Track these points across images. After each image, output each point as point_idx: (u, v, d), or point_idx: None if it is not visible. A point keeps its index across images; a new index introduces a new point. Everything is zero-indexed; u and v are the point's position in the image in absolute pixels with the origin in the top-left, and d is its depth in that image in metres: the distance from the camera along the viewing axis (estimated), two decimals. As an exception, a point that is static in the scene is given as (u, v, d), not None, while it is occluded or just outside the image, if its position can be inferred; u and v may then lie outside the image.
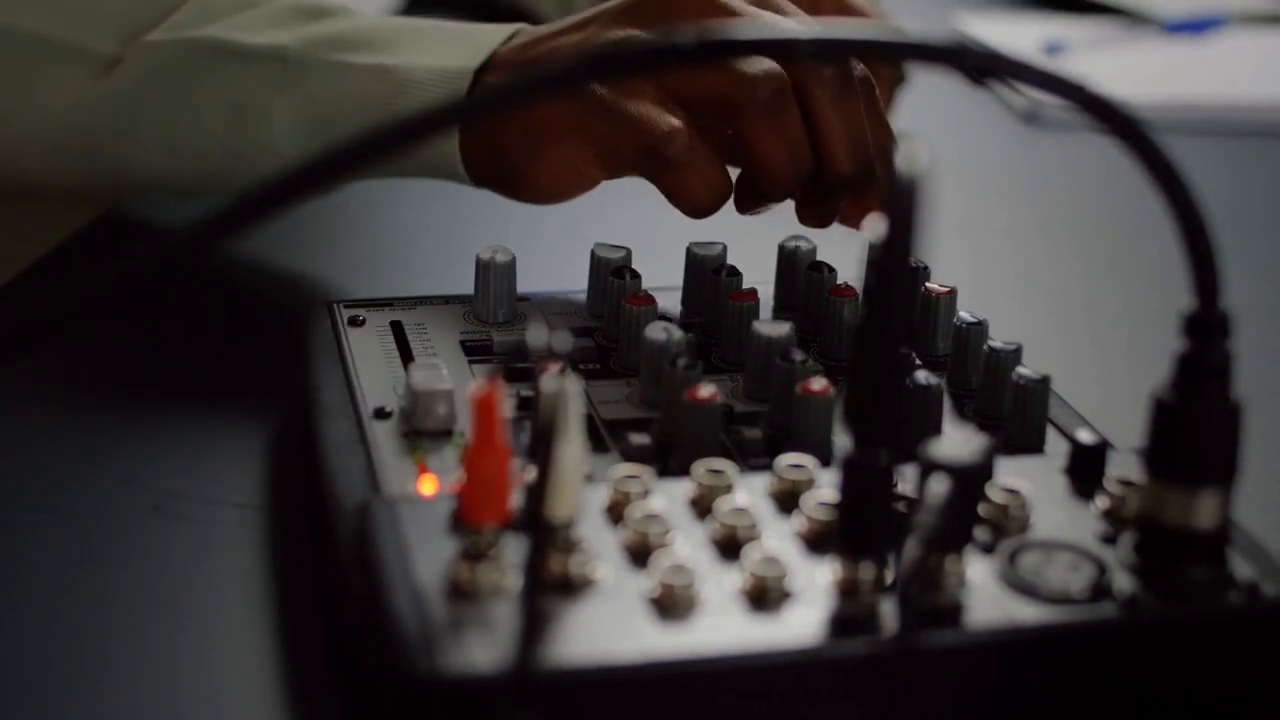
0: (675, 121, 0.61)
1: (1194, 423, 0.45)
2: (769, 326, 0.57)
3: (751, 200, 0.64)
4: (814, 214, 0.64)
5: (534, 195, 0.66)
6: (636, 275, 0.62)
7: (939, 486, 0.43)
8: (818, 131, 0.62)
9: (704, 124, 0.63)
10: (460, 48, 0.66)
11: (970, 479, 0.44)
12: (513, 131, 0.64)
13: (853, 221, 0.64)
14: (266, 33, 0.69)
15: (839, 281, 0.62)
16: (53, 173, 0.75)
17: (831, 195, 0.63)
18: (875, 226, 0.42)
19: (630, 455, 0.53)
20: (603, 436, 0.54)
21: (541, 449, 0.42)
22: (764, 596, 0.44)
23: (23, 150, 0.74)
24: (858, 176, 0.62)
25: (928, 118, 0.99)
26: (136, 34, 0.71)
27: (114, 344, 0.68)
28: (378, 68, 0.66)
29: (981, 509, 0.47)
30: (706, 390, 0.53)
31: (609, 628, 0.42)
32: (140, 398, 0.65)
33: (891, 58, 0.53)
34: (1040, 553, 0.46)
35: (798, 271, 0.64)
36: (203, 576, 0.53)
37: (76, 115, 0.71)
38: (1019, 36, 1.27)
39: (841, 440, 0.44)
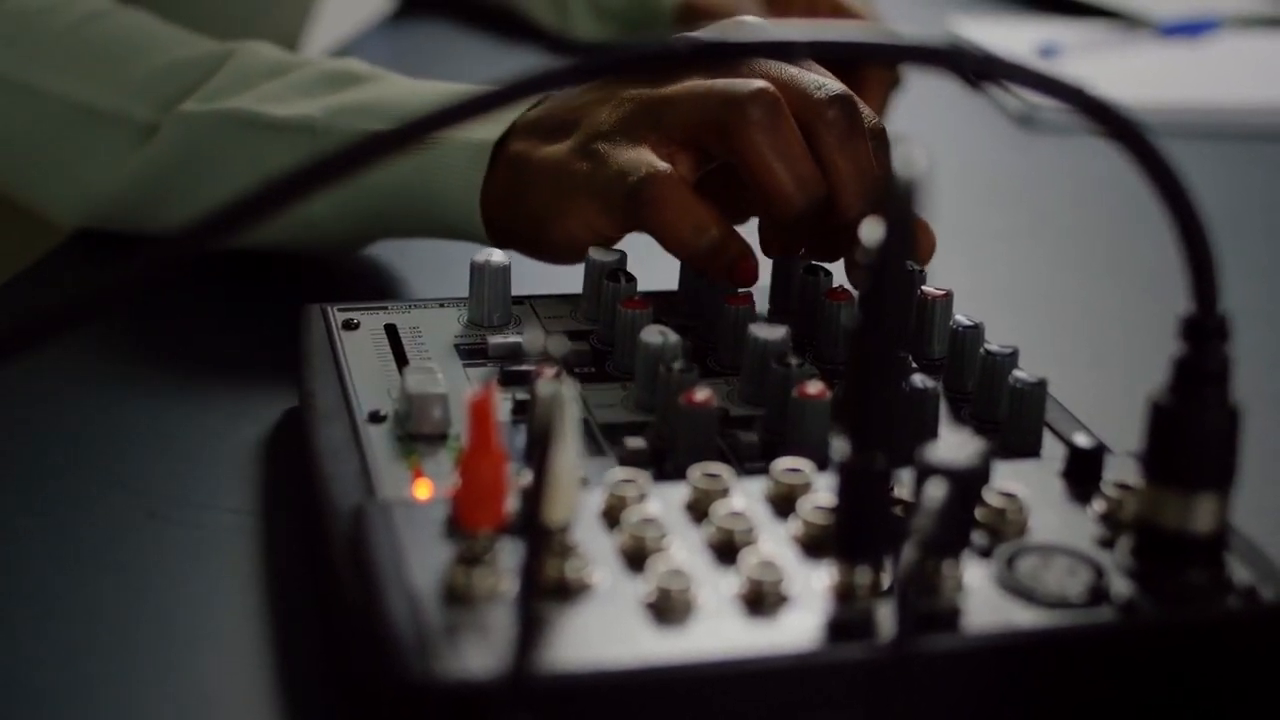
0: (658, 164, 0.61)
1: (1192, 426, 0.45)
2: (765, 330, 0.57)
3: (771, 235, 0.64)
4: (823, 250, 0.64)
5: (554, 256, 0.67)
6: (632, 279, 0.62)
7: (936, 490, 0.43)
8: (826, 173, 0.61)
9: (718, 184, 0.64)
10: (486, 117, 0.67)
11: (967, 483, 0.44)
12: (531, 197, 0.65)
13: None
14: (295, 104, 0.71)
15: (834, 285, 0.62)
16: (102, 227, 0.78)
17: (839, 234, 0.62)
18: (872, 230, 0.42)
19: (626, 459, 0.53)
20: (598, 440, 0.54)
21: (537, 453, 0.42)
22: (761, 601, 0.43)
23: (69, 213, 0.78)
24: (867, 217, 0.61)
25: (923, 121, 0.99)
26: (173, 101, 0.73)
27: (108, 348, 0.68)
28: None
29: (978, 513, 0.47)
30: (702, 394, 0.53)
31: (605, 632, 0.42)
32: (134, 402, 0.65)
33: (888, 60, 0.53)
34: (1037, 557, 0.46)
35: (793, 275, 0.64)
36: (197, 581, 0.53)
37: (118, 181, 0.74)
38: (1013, 39, 1.26)
39: (838, 444, 0.44)
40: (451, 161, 0.67)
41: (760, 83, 0.60)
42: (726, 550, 0.46)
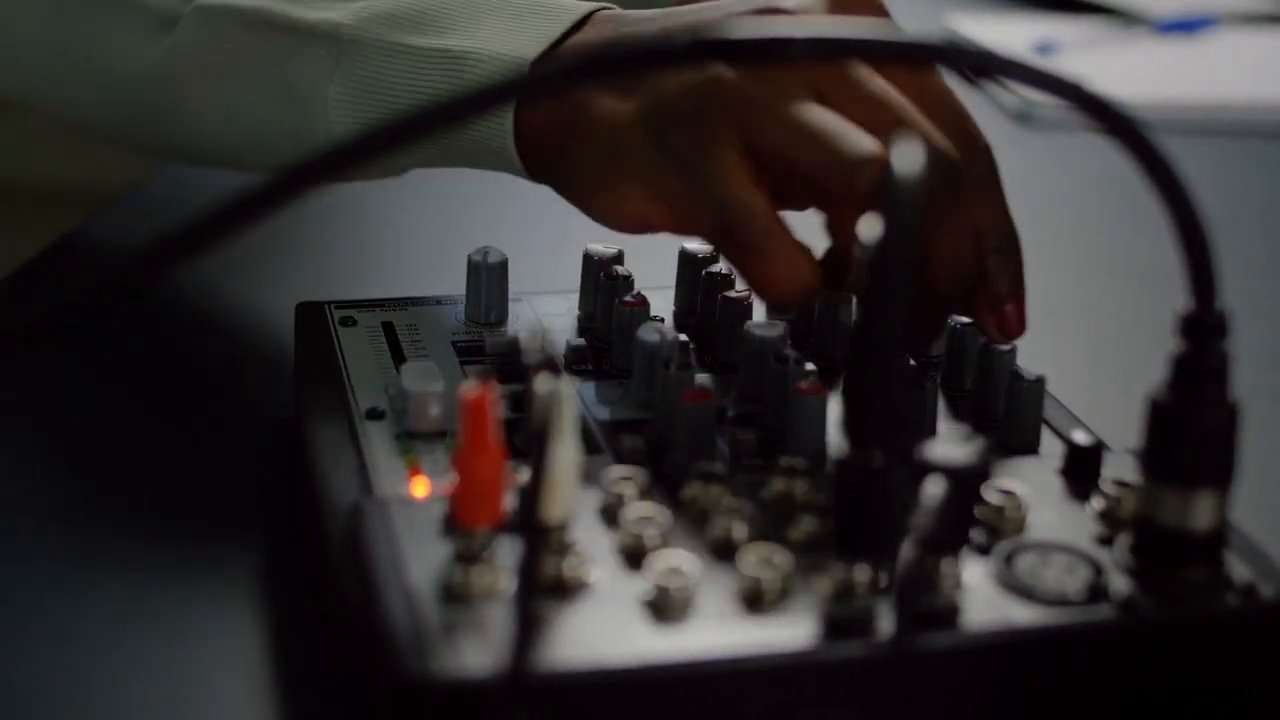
0: (756, 200, 0.54)
1: (1191, 424, 0.45)
2: (763, 328, 0.57)
3: (838, 284, 0.57)
4: (922, 334, 0.58)
5: (596, 218, 0.60)
6: (629, 276, 0.62)
7: (935, 488, 0.43)
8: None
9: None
10: (527, 30, 0.61)
11: (967, 481, 0.44)
12: (579, 153, 0.58)
13: (991, 329, 0.57)
14: (321, 5, 0.64)
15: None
16: (120, 131, 0.73)
17: (932, 310, 0.58)
18: (871, 227, 0.42)
19: (623, 457, 0.52)
20: (596, 438, 0.54)
21: (535, 450, 0.42)
22: (759, 599, 0.43)
23: (93, 104, 0.73)
24: (954, 293, 0.57)
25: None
26: None
27: (104, 346, 0.68)
28: (435, 51, 0.62)
29: (977, 510, 0.47)
30: (700, 391, 0.53)
31: (603, 630, 0.42)
32: (131, 400, 0.64)
33: (886, 57, 0.52)
34: (1036, 554, 0.46)
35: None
36: (196, 580, 0.53)
37: (138, 74, 0.69)
38: (1010, 36, 1.26)
39: (837, 441, 0.44)
40: (479, 74, 0.60)
41: (869, 147, 0.52)
42: (725, 548, 0.46)
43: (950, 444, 0.44)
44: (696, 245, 0.64)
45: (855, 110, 0.55)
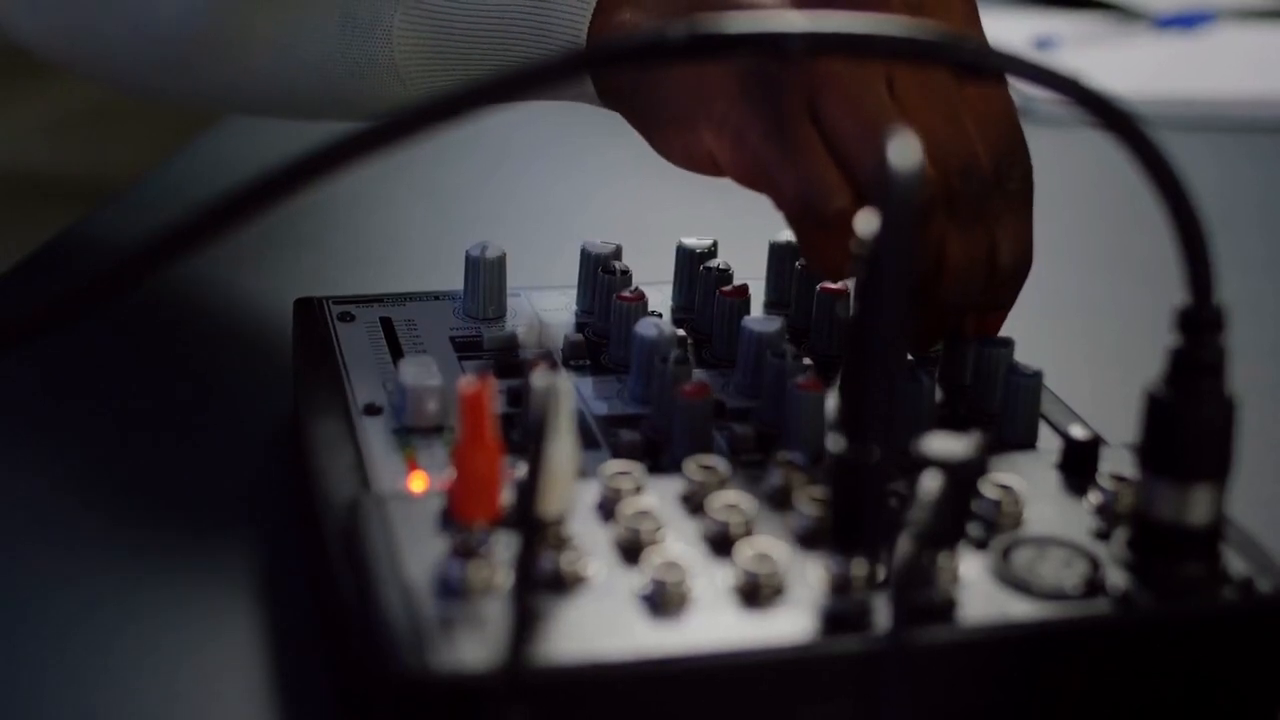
0: (839, 180, 0.54)
1: (1188, 418, 0.45)
2: (760, 322, 0.57)
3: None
4: (922, 338, 0.59)
5: (661, 151, 0.59)
6: (627, 271, 0.62)
7: (933, 483, 0.43)
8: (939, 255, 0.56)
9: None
10: None
11: (965, 475, 0.44)
12: (666, 81, 0.57)
13: (969, 328, 0.59)
14: None
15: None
16: (165, 76, 0.70)
17: (933, 314, 0.58)
18: (868, 221, 0.42)
19: (621, 451, 0.52)
20: (593, 433, 0.54)
21: (532, 445, 0.42)
22: (756, 593, 0.43)
23: (136, 47, 0.69)
24: (960, 302, 0.57)
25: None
26: None
27: (102, 342, 0.68)
28: None
29: (974, 505, 0.47)
30: (698, 386, 0.53)
31: (601, 625, 0.42)
32: (129, 396, 0.64)
33: (883, 53, 0.52)
34: (1033, 549, 0.46)
35: (789, 267, 0.64)
36: (191, 574, 0.53)
37: (189, 14, 0.66)
38: (1009, 31, 1.26)
39: (833, 436, 0.44)
40: (553, 4, 0.59)
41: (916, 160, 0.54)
42: (722, 542, 0.46)
43: (948, 439, 0.44)
44: (694, 240, 0.64)
45: (914, 109, 0.55)
